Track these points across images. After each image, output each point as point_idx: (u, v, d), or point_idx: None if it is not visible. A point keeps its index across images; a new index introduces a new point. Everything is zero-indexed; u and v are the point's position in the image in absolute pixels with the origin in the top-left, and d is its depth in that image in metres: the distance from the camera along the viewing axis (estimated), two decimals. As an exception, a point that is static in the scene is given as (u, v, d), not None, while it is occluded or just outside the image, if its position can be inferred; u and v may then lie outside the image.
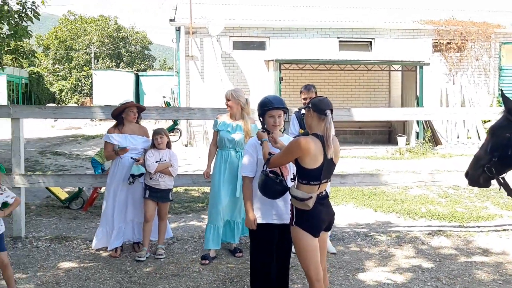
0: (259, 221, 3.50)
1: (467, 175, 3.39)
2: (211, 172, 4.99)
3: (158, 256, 4.94)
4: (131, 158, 4.99)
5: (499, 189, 3.34)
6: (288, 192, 3.28)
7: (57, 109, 5.63)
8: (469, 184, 3.42)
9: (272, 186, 3.33)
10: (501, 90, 3.68)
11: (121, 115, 5.06)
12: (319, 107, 3.16)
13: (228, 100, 4.83)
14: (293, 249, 3.37)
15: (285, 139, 3.64)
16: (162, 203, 5.08)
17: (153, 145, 5.05)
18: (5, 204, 3.87)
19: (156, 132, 5.04)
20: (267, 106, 3.54)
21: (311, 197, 3.10)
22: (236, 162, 4.77)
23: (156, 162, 4.96)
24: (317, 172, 3.10)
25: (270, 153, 3.37)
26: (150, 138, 5.15)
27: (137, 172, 4.92)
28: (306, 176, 3.12)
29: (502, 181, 3.25)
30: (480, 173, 3.27)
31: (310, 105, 3.23)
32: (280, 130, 3.67)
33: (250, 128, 4.81)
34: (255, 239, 3.57)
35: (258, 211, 3.51)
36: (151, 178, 4.98)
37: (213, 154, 4.99)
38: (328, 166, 3.15)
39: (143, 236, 5.03)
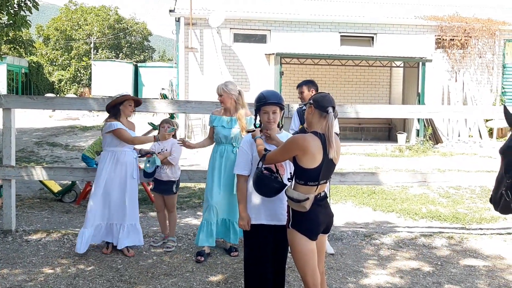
0: (253, 221, 3.35)
1: (491, 200, 3.07)
2: (190, 141, 4.90)
3: (166, 249, 4.89)
4: (139, 156, 4.92)
5: None
6: (284, 191, 3.12)
7: (49, 99, 5.45)
8: (496, 210, 3.03)
9: (267, 184, 3.18)
10: (504, 106, 3.18)
11: (118, 107, 4.85)
12: (321, 103, 3.00)
13: (220, 95, 4.68)
14: (289, 249, 3.22)
15: (284, 136, 3.48)
16: (167, 195, 5.00)
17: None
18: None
19: (166, 121, 5.05)
20: (261, 102, 3.39)
21: (308, 199, 2.93)
22: (233, 158, 4.56)
23: (159, 153, 4.93)
24: (315, 172, 2.95)
25: (266, 149, 3.21)
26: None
27: (151, 169, 4.82)
28: (304, 176, 2.97)
29: None
30: (499, 196, 2.93)
31: (311, 101, 3.07)
32: (278, 127, 3.51)
33: (245, 122, 4.64)
34: (249, 240, 3.42)
35: (252, 211, 3.36)
36: None
37: (206, 143, 4.94)
38: (327, 166, 2.99)
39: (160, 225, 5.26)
